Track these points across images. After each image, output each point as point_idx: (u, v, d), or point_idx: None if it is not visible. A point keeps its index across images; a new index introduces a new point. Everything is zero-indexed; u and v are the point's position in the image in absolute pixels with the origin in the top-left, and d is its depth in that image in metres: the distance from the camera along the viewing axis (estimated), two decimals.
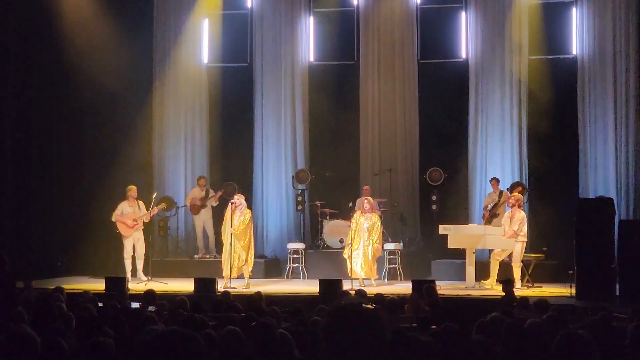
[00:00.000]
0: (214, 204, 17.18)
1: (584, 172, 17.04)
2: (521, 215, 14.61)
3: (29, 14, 17.29)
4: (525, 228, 14.55)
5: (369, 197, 15.44)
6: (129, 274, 15.37)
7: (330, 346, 3.03)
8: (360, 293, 11.18)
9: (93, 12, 17.84)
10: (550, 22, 17.46)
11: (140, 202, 15.82)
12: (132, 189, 15.83)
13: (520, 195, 15.07)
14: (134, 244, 15.61)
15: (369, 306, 3.14)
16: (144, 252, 15.71)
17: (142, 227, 15.71)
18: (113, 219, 15.60)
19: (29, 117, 17.39)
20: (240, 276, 14.93)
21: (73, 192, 17.93)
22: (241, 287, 14.46)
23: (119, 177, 17.41)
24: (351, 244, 14.88)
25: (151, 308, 9.48)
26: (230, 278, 14.67)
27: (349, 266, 14.96)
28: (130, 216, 15.54)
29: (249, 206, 15.76)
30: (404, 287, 14.13)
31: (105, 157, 17.92)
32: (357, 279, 14.84)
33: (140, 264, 15.66)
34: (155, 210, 16.03)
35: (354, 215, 15.21)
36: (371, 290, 12.50)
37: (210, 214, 17.29)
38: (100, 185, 17.77)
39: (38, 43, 17.47)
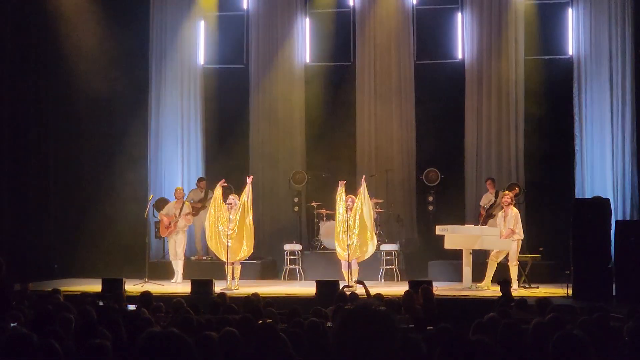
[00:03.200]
0: None
1: (580, 172, 17.05)
2: (514, 212, 14.61)
3: (24, 17, 17.28)
4: (520, 225, 14.56)
5: (352, 196, 15.00)
6: (178, 276, 15.60)
7: (341, 348, 3.02)
8: (378, 297, 11.08)
9: (89, 14, 17.82)
10: (546, 23, 17.48)
11: (186, 204, 16.01)
12: (177, 190, 16.17)
13: (511, 194, 15.07)
14: (175, 245, 15.80)
15: (381, 308, 3.12)
16: (182, 253, 15.84)
17: (178, 230, 15.83)
18: (158, 217, 16.26)
19: (25, 119, 17.38)
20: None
21: (70, 194, 17.90)
22: (234, 287, 14.46)
23: (116, 179, 17.44)
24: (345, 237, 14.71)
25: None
26: (232, 279, 14.65)
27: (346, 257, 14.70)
28: (170, 218, 15.78)
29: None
30: (400, 289, 14.06)
31: (101, 159, 17.91)
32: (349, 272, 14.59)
33: (179, 265, 15.74)
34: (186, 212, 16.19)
35: (339, 212, 14.88)
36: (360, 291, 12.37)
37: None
38: (96, 187, 17.78)
39: (33, 45, 17.46)
